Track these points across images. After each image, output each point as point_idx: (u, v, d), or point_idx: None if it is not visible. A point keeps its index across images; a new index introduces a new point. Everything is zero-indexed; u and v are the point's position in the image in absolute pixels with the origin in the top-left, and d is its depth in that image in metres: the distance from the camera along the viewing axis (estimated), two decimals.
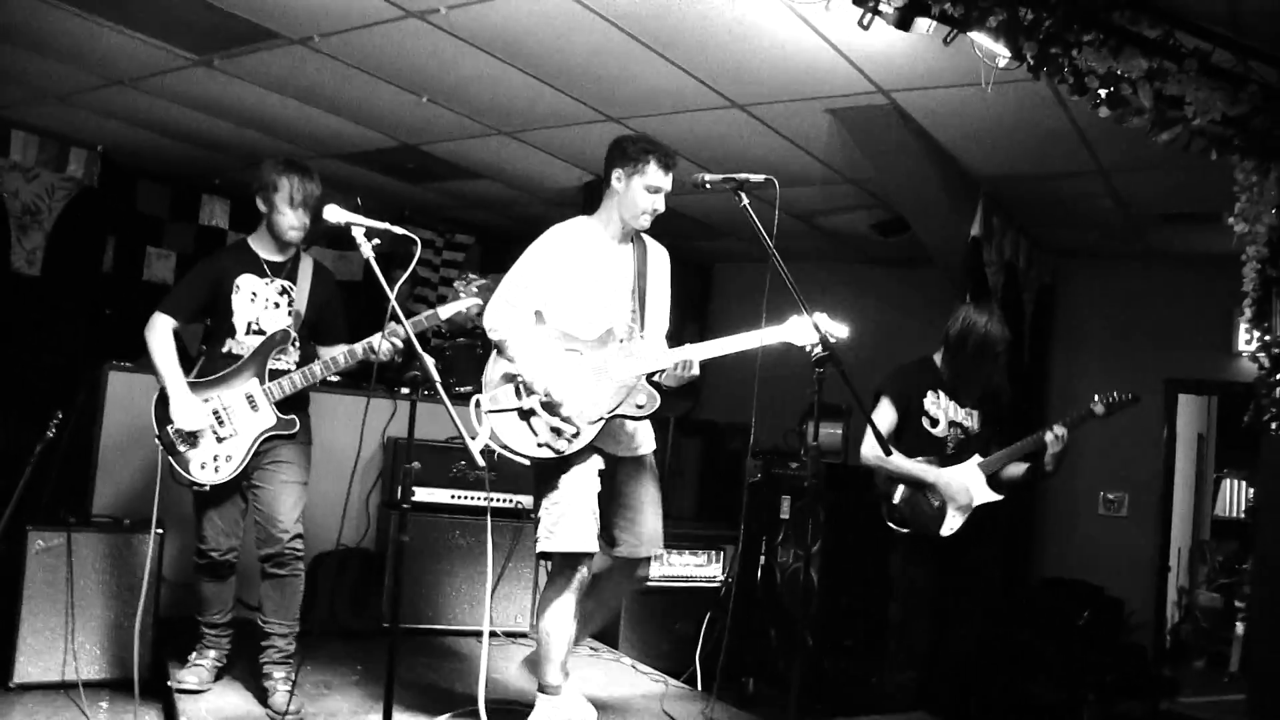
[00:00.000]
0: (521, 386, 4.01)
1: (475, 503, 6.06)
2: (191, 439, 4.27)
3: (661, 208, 4.10)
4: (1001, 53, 3.91)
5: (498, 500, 6.11)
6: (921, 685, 4.83)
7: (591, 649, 5.96)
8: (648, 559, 4.29)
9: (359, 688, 4.75)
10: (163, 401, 4.29)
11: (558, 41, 5.13)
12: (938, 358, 5.15)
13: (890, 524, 4.96)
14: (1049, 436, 4.83)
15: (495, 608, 6.04)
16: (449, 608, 5.97)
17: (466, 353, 7.04)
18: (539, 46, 5.23)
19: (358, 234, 3.63)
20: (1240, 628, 8.63)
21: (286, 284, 4.50)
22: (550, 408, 3.96)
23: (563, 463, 4.02)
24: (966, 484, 4.87)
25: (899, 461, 4.84)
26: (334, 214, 3.69)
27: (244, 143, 7.20)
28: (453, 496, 6.03)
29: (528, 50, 5.29)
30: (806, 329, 3.88)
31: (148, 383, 5.52)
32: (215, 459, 4.32)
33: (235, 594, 4.70)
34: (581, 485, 4.06)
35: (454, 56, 5.43)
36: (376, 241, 3.66)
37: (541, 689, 4.17)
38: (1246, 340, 4.52)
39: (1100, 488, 8.30)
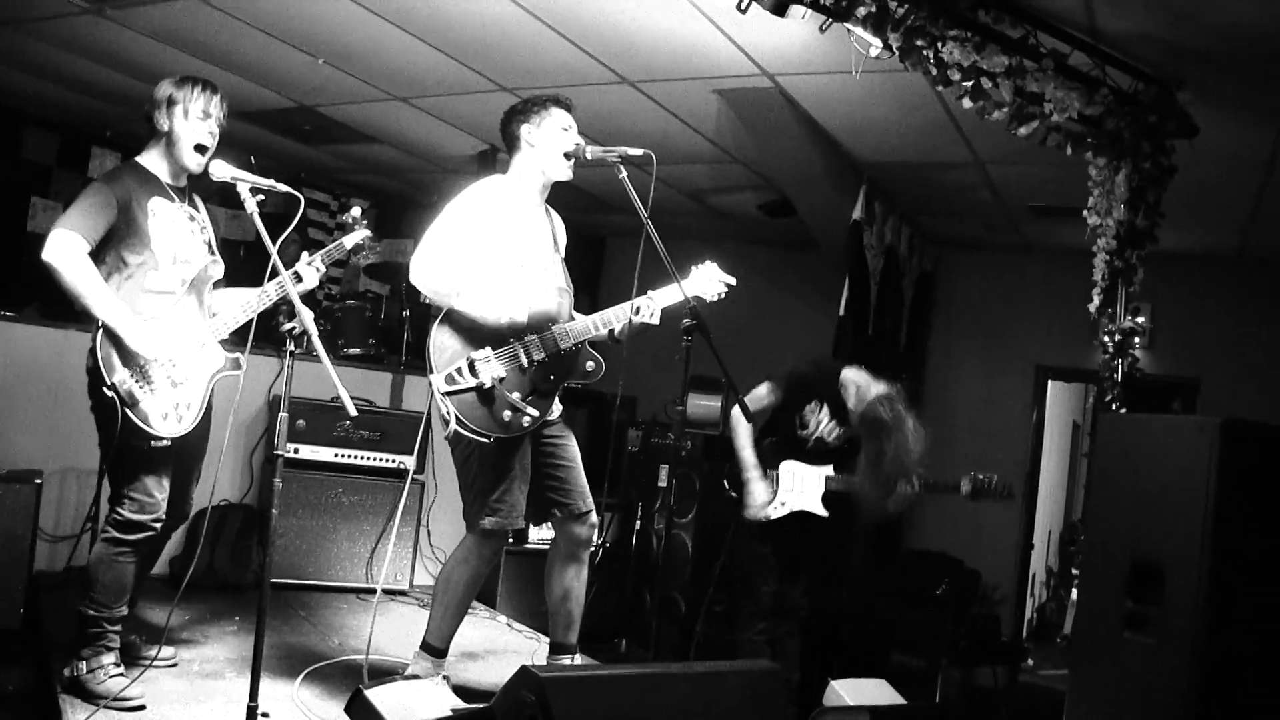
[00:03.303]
0: (476, 364, 3.88)
1: (358, 461, 6.15)
2: (146, 383, 3.65)
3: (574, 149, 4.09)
4: (874, 42, 4.10)
5: (381, 460, 6.21)
6: (772, 639, 5.05)
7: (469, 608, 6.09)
8: (590, 511, 4.25)
9: (235, 638, 4.81)
10: (106, 345, 3.61)
11: (453, 10, 5.20)
12: (847, 373, 5.12)
13: (726, 485, 5.17)
14: (904, 491, 4.98)
15: (376, 566, 6.14)
16: (329, 565, 6.05)
17: (355, 315, 7.10)
18: (434, 14, 5.29)
19: (243, 190, 3.57)
20: (1075, 593, 9.02)
21: (191, 210, 4.00)
22: (517, 375, 3.93)
23: (516, 441, 4.00)
24: (792, 488, 5.08)
25: (743, 441, 5.03)
26: (220, 170, 3.70)
27: (137, 95, 7.01)
28: (336, 455, 6.10)
29: (423, 17, 5.35)
30: (711, 281, 4.14)
31: (28, 333, 5.56)
32: (176, 407, 3.75)
33: None
34: (526, 463, 4.07)
35: (350, 20, 5.45)
36: (261, 198, 3.61)
37: (429, 649, 4.20)
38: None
39: (971, 467, 8.58)
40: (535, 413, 3.98)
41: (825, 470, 5.11)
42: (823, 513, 5.08)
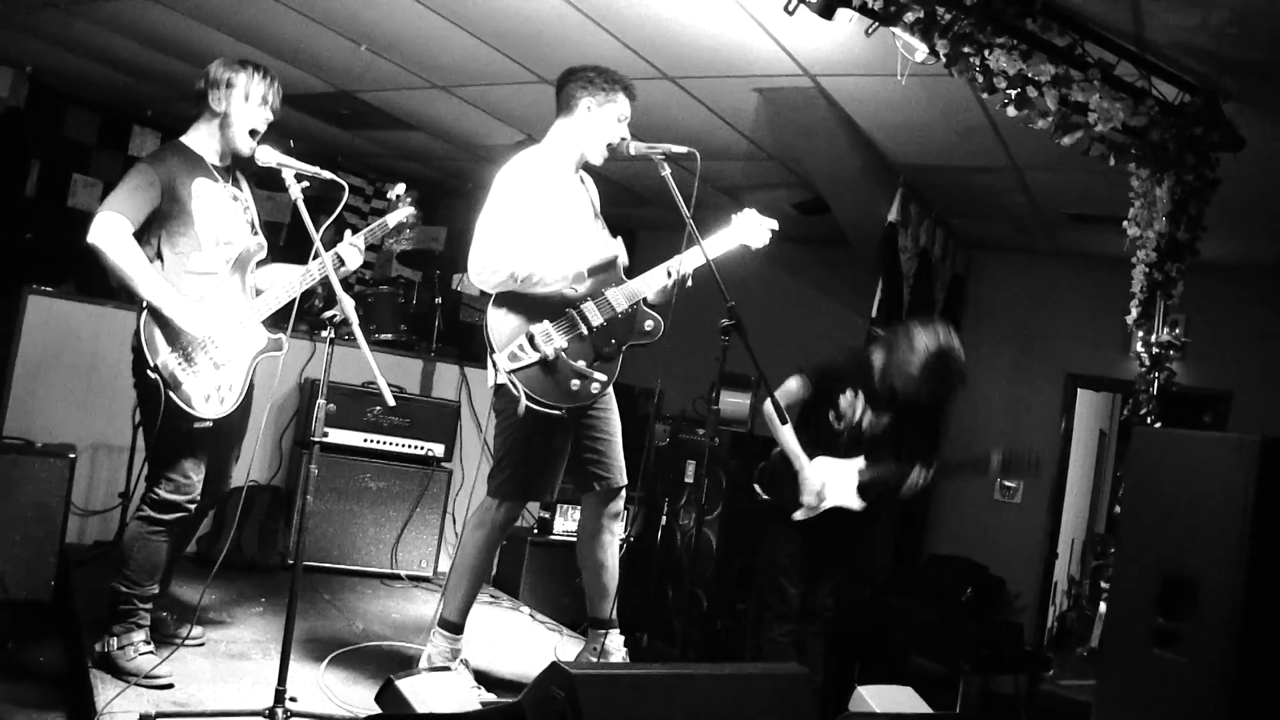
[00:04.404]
0: (536, 338, 3.86)
1: (387, 447, 6.17)
2: (189, 364, 3.69)
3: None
4: (919, 47, 4.08)
5: (410, 447, 6.23)
6: (797, 641, 5.04)
7: (491, 596, 6.12)
8: (624, 487, 4.27)
9: (261, 619, 4.85)
10: (150, 326, 3.66)
11: (497, 1, 5.21)
12: (876, 358, 5.11)
13: (756, 487, 5.14)
14: (916, 476, 4.94)
15: (400, 552, 6.17)
16: (355, 549, 6.08)
17: (388, 300, 7.13)
18: (477, 4, 5.29)
19: (288, 176, 3.63)
20: (1104, 607, 8.97)
21: (234, 190, 4.01)
22: (578, 342, 3.91)
23: (565, 415, 3.97)
24: (828, 481, 4.98)
25: (785, 434, 4.97)
26: (266, 155, 3.72)
27: (178, 75, 7.14)
28: (365, 440, 6.12)
29: (466, 6, 5.35)
30: (755, 228, 4.08)
31: (67, 309, 5.60)
32: (219, 389, 3.78)
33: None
34: (567, 444, 4.08)
35: (394, 7, 5.47)
36: (305, 185, 3.65)
37: (446, 625, 4.17)
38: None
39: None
40: (603, 377, 3.96)
41: (858, 463, 5.04)
42: (858, 505, 5.00)
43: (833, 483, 4.99)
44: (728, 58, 5.40)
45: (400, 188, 4.34)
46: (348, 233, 4.00)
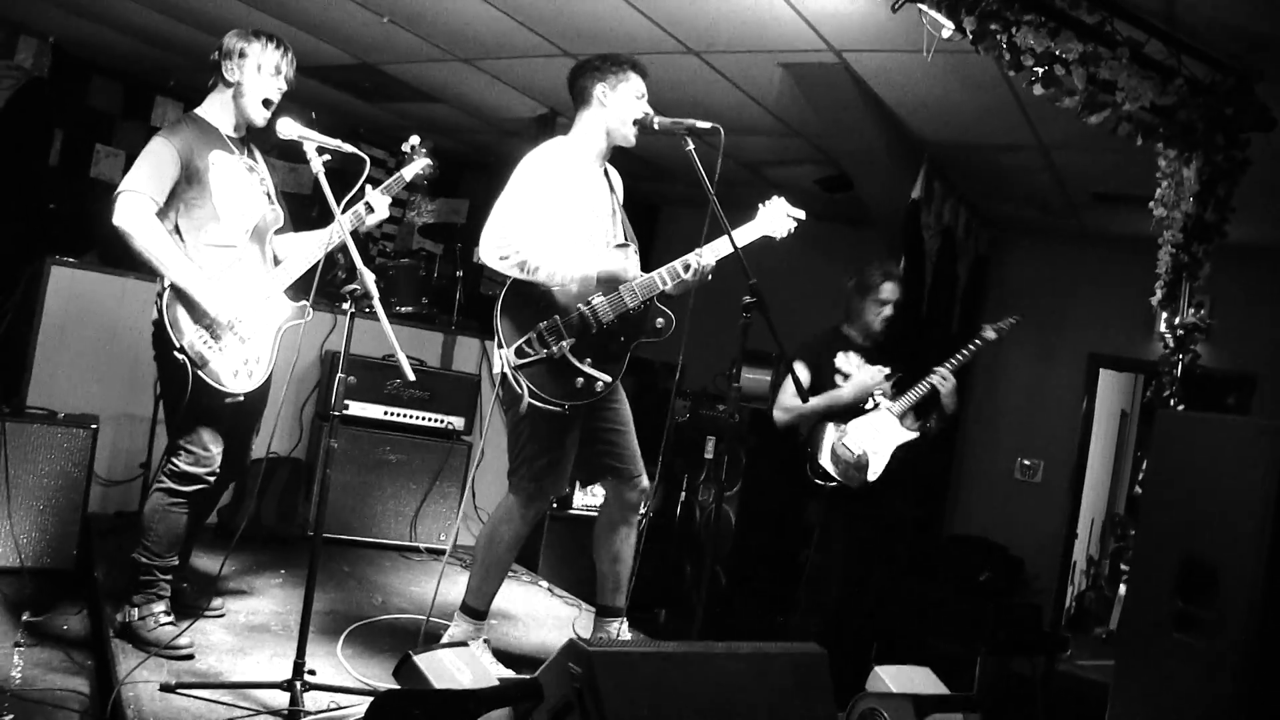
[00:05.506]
0: (545, 334, 3.85)
1: (407, 420, 6.18)
2: (215, 341, 3.71)
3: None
4: (946, 24, 4.04)
5: (430, 420, 6.24)
6: (825, 631, 5.04)
7: (510, 570, 6.12)
8: (640, 476, 4.24)
9: (281, 590, 4.87)
10: (175, 305, 3.66)
11: None
12: (846, 327, 5.34)
13: (817, 480, 5.12)
14: (935, 379, 5.06)
15: (420, 525, 6.19)
16: (373, 522, 6.10)
17: (409, 273, 7.12)
18: None
19: (309, 149, 3.59)
20: (1123, 589, 8.94)
21: (249, 161, 4.00)
22: (586, 340, 3.87)
23: (574, 412, 3.95)
24: (873, 438, 5.07)
25: (814, 402, 4.95)
26: (287, 128, 3.69)
27: (201, 46, 7.06)
28: (386, 413, 6.12)
29: None
30: (780, 219, 4.05)
31: (89, 279, 5.60)
32: (246, 363, 3.81)
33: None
34: (577, 435, 4.05)
35: None
36: (327, 158, 3.61)
37: (469, 611, 4.18)
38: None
39: (1018, 453, 8.55)
40: (607, 377, 3.92)
41: (884, 406, 5.13)
42: (916, 434, 5.11)
43: (879, 431, 5.08)
44: (753, 32, 5.36)
45: (415, 139, 4.28)
46: (369, 188, 3.93)
